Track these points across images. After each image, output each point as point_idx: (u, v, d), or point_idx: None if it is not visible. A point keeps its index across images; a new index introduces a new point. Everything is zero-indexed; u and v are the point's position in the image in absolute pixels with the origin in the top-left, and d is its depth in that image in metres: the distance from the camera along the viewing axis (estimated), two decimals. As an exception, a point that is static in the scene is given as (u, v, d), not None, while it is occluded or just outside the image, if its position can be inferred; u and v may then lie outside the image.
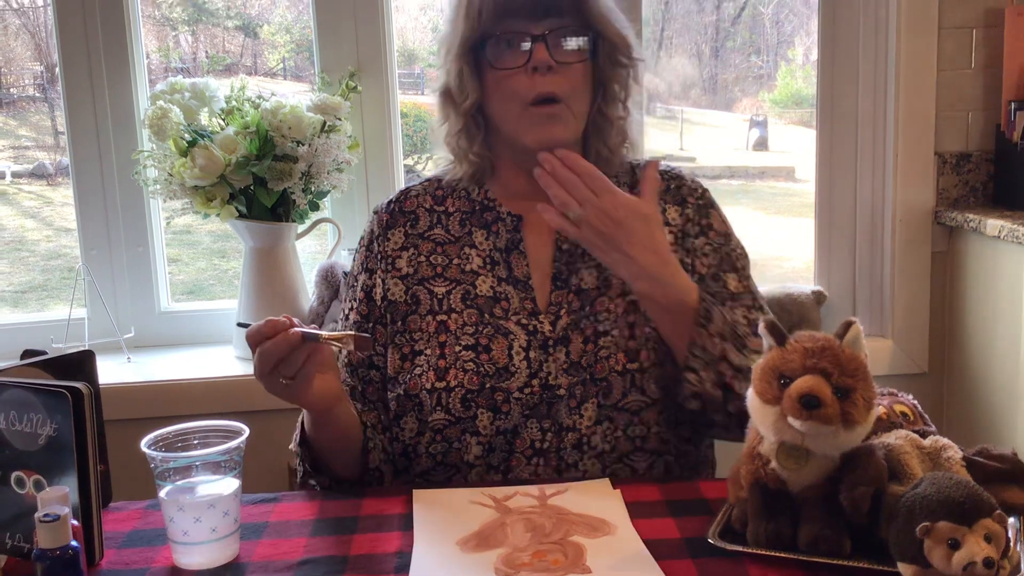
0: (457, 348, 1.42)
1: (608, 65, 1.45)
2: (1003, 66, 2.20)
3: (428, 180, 1.57)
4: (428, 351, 1.43)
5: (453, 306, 1.45)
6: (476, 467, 1.41)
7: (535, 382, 1.40)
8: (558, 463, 1.40)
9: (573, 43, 1.40)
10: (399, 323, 1.47)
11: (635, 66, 1.48)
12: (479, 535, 1.18)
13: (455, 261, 1.48)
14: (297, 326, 1.22)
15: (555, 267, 1.46)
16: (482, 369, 1.40)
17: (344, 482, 1.41)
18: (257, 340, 1.22)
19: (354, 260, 1.56)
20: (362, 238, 1.56)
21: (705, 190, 1.55)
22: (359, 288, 1.52)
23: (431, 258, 1.49)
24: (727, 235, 1.53)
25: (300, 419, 1.41)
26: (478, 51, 1.41)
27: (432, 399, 1.41)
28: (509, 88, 1.41)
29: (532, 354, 1.41)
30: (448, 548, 1.15)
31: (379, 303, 1.49)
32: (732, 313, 1.43)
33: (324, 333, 1.23)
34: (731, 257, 1.51)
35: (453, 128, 1.48)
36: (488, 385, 1.40)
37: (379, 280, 1.49)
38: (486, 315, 1.44)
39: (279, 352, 1.21)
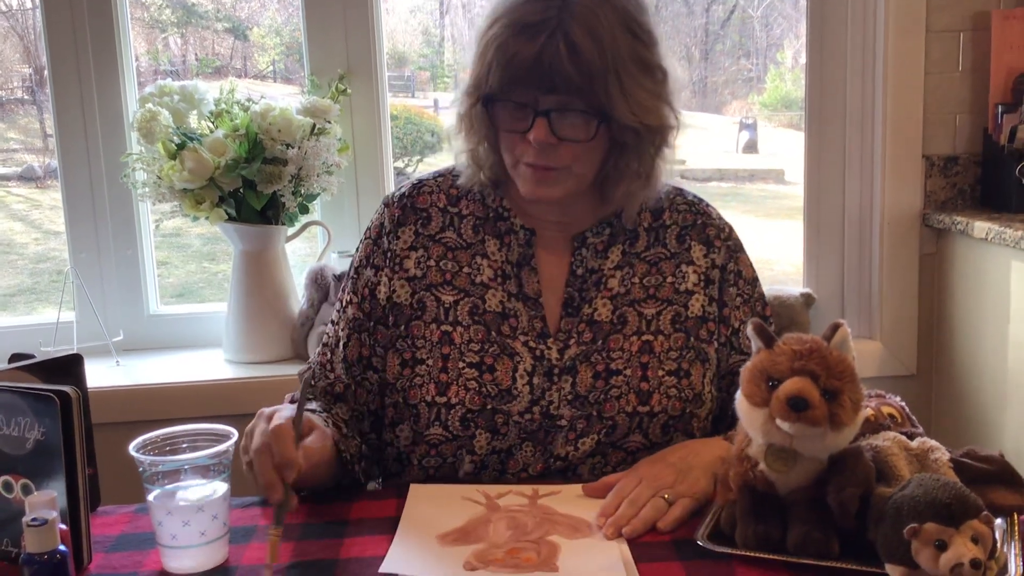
0: (460, 364, 1.39)
1: (625, 135, 1.35)
2: (990, 69, 2.21)
3: (442, 175, 1.51)
4: (430, 361, 1.40)
5: (460, 319, 1.41)
6: (465, 483, 1.39)
7: (536, 409, 1.37)
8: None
9: (580, 123, 1.32)
10: (402, 327, 1.43)
11: (660, 135, 1.39)
12: (462, 530, 1.20)
13: (465, 270, 1.43)
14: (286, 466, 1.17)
15: (567, 292, 1.43)
16: (484, 389, 1.37)
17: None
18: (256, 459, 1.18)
19: (358, 250, 1.50)
20: (369, 229, 1.50)
21: (732, 229, 1.52)
22: (362, 283, 1.47)
23: (441, 263, 1.44)
24: (754, 281, 1.51)
25: None
26: (487, 101, 1.35)
27: (431, 413, 1.38)
28: (509, 144, 1.37)
29: (536, 380, 1.38)
30: (428, 540, 1.17)
31: (383, 303, 1.45)
32: None
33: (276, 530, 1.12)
34: (760, 306, 1.51)
35: (467, 146, 1.43)
36: (489, 406, 1.37)
37: (385, 279, 1.45)
38: (493, 332, 1.40)
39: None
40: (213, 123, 2.12)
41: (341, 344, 1.47)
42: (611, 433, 1.38)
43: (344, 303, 1.49)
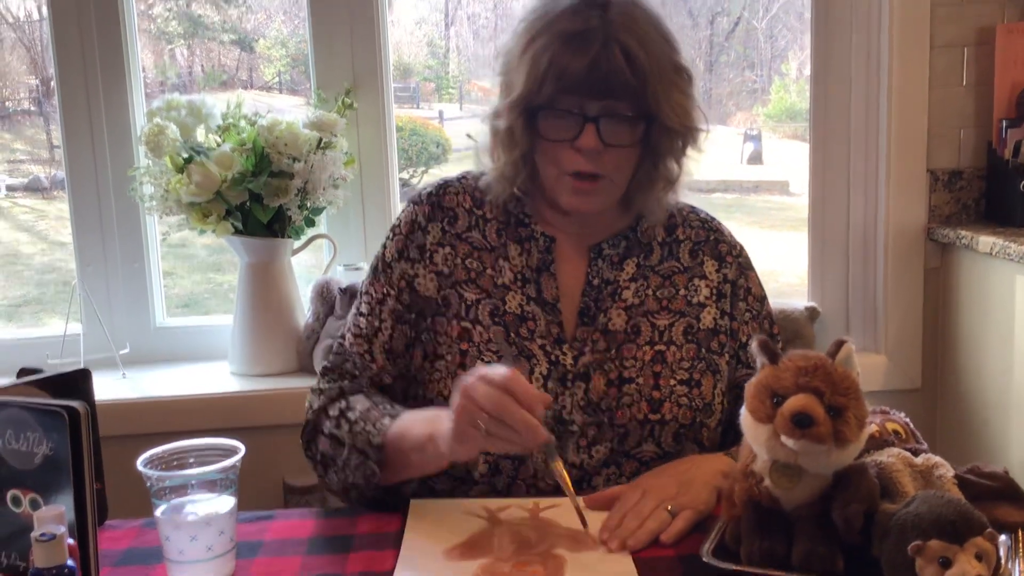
0: (479, 363, 1.39)
1: (661, 138, 1.40)
2: (994, 83, 2.21)
3: (464, 177, 1.52)
4: (449, 357, 1.41)
5: (480, 318, 1.42)
6: (480, 484, 1.39)
7: (548, 413, 1.37)
8: (556, 495, 1.38)
9: (625, 128, 1.36)
10: (428, 320, 1.44)
11: (692, 136, 1.44)
12: (466, 545, 1.20)
13: (488, 271, 1.45)
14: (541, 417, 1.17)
15: (583, 301, 1.44)
16: None
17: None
18: (514, 395, 1.16)
19: (385, 247, 1.50)
20: (397, 226, 1.50)
21: (743, 248, 1.55)
22: (396, 275, 1.46)
23: (467, 261, 1.46)
24: (762, 299, 1.53)
25: (383, 423, 1.34)
26: (531, 113, 1.38)
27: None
28: (552, 155, 1.39)
29: (550, 384, 1.39)
30: (434, 556, 1.17)
31: (422, 295, 1.45)
32: None
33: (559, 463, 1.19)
34: (768, 323, 1.52)
35: (499, 161, 1.44)
36: None
37: (421, 271, 1.46)
38: (512, 334, 1.41)
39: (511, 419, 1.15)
40: (220, 137, 2.13)
41: (385, 335, 1.45)
42: (623, 441, 1.39)
43: (380, 295, 1.47)
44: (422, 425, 1.29)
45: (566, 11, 1.35)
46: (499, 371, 1.17)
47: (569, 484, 1.17)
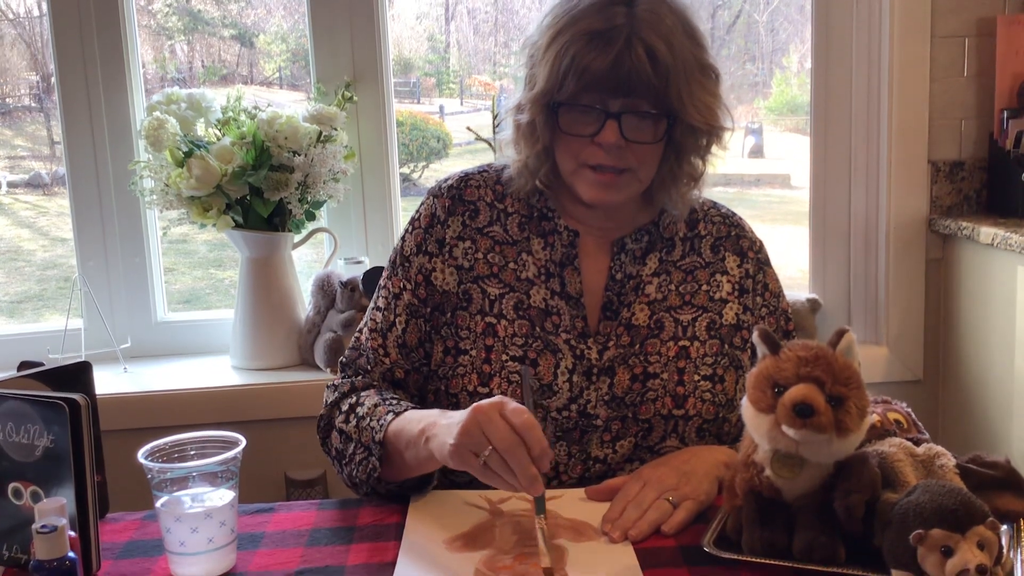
0: (504, 357, 1.39)
1: (685, 136, 1.39)
2: (995, 74, 2.21)
3: (485, 170, 1.51)
4: (473, 352, 1.40)
5: (504, 312, 1.42)
6: None
7: (573, 407, 1.38)
8: (575, 487, 1.37)
9: (648, 125, 1.35)
10: (448, 315, 1.43)
11: (717, 135, 1.43)
12: (467, 536, 1.20)
13: (511, 265, 1.44)
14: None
15: (606, 296, 1.44)
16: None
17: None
18: (518, 428, 1.13)
19: (404, 240, 1.48)
20: (416, 219, 1.49)
21: (762, 244, 1.55)
22: (414, 270, 1.46)
23: (488, 256, 1.45)
24: (779, 295, 1.53)
25: (385, 418, 1.33)
26: (552, 107, 1.37)
27: (472, 403, 1.35)
28: (572, 149, 1.38)
29: (575, 378, 1.39)
30: (435, 547, 1.17)
31: (440, 289, 1.44)
32: None
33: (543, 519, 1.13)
34: (783, 319, 1.52)
35: (522, 154, 1.44)
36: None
37: (439, 265, 1.45)
38: (537, 328, 1.41)
39: (511, 454, 1.12)
40: (220, 131, 2.13)
41: (399, 329, 1.45)
42: (647, 436, 1.39)
43: (397, 289, 1.46)
44: (417, 423, 1.28)
45: (592, 7, 1.34)
46: (520, 412, 1.14)
47: (546, 545, 1.11)
